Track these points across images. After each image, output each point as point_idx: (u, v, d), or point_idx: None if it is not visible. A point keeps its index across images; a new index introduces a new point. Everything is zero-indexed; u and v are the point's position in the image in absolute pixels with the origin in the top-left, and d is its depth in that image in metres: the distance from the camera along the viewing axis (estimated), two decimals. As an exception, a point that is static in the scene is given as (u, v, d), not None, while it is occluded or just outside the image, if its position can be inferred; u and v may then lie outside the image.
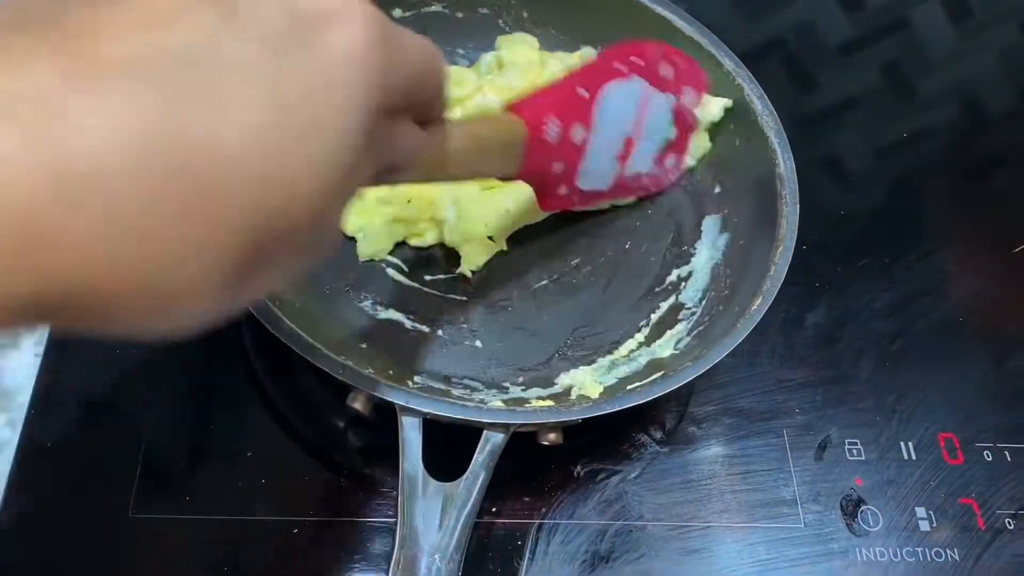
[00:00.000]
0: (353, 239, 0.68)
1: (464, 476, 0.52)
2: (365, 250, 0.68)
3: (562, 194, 0.65)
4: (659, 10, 0.74)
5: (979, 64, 0.96)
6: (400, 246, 0.69)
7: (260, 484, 0.59)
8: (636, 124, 0.66)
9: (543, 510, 0.61)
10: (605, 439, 0.64)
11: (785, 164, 0.67)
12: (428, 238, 0.69)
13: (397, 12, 0.75)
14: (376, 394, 0.54)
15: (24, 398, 0.61)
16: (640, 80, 0.66)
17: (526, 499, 0.61)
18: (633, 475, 0.63)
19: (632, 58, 0.65)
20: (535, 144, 0.57)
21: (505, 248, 0.69)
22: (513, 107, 0.57)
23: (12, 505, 0.57)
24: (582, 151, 0.63)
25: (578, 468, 0.63)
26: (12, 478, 0.58)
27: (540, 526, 0.60)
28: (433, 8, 0.77)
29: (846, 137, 0.87)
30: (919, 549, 0.62)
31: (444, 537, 0.50)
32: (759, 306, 0.60)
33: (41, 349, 0.63)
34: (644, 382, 0.59)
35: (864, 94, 0.91)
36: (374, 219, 0.67)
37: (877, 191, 0.83)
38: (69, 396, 0.62)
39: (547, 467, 0.62)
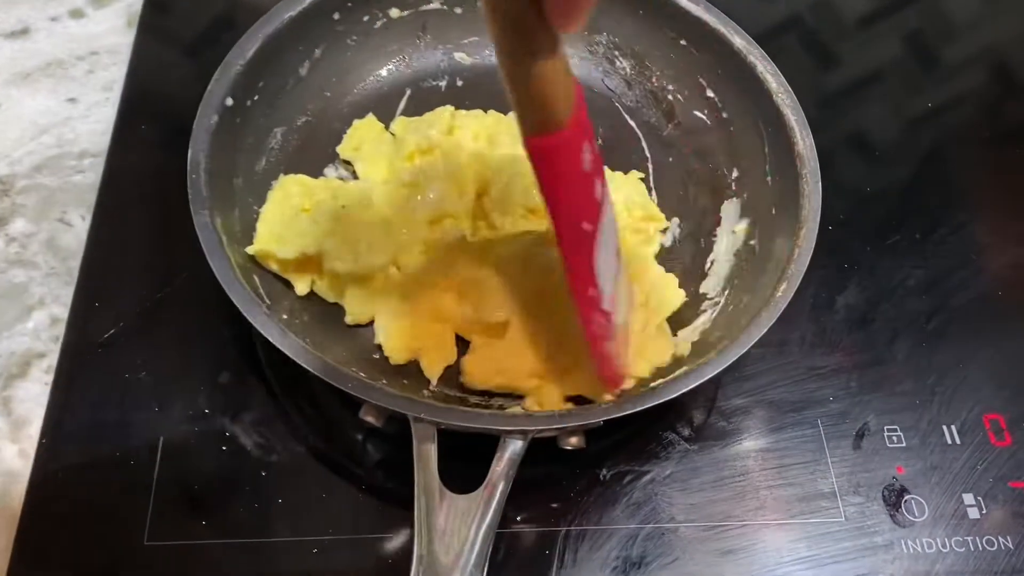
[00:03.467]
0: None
1: (482, 487, 0.50)
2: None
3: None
4: (665, -9, 0.71)
5: (1006, 28, 0.92)
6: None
7: (277, 504, 0.58)
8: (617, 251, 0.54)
9: (570, 516, 0.58)
10: (630, 439, 0.62)
11: (804, 141, 0.64)
12: None
13: (395, 12, 0.73)
14: (386, 406, 0.52)
15: (35, 428, 0.60)
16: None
17: (552, 506, 0.59)
18: (662, 475, 0.61)
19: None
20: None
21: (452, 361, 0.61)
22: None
23: (26, 535, 0.56)
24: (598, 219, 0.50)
25: (604, 471, 0.60)
26: (25, 508, 0.57)
27: (568, 533, 0.58)
28: (432, 6, 0.75)
29: (870, 112, 0.83)
30: (968, 538, 0.59)
31: (464, 552, 0.48)
32: (784, 292, 0.57)
33: (50, 378, 0.62)
34: (667, 378, 0.57)
35: (887, 67, 0.87)
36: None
37: (904, 165, 0.80)
38: (80, 425, 0.60)
39: (571, 472, 0.60)
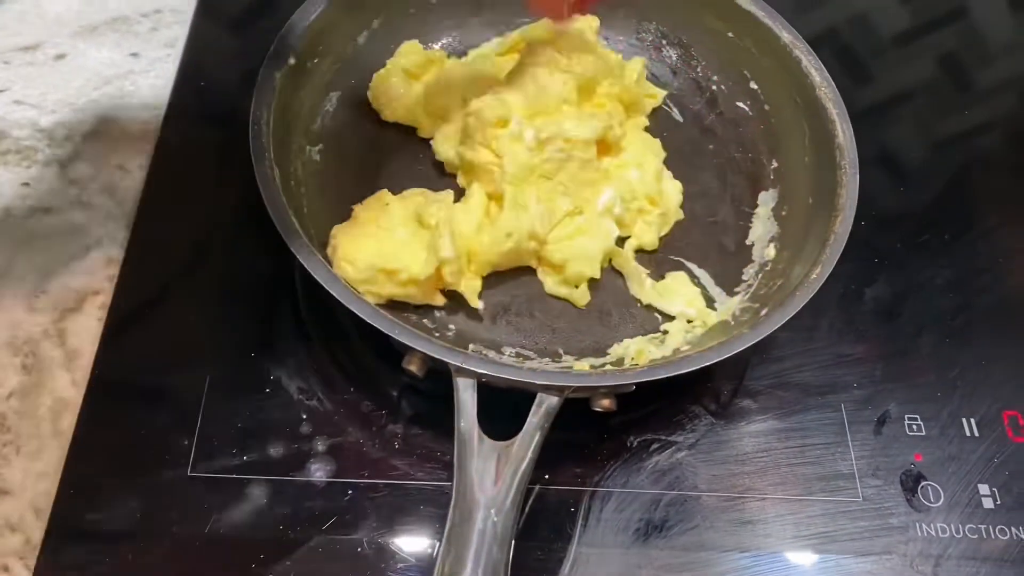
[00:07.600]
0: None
1: (519, 435, 0.52)
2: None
3: None
4: (716, -18, 0.74)
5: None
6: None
7: (316, 447, 0.60)
8: None
9: (596, 478, 0.60)
10: (659, 411, 0.64)
11: (844, 134, 0.66)
12: None
13: None
14: (432, 355, 0.54)
15: (87, 360, 0.62)
16: None
17: (579, 468, 0.61)
18: (687, 446, 0.62)
19: None
20: None
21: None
22: None
23: (76, 459, 0.58)
24: None
25: (631, 438, 0.62)
26: (76, 434, 0.59)
27: (593, 494, 0.60)
28: None
29: (903, 128, 0.85)
30: (982, 526, 0.61)
31: (500, 493, 0.50)
32: (819, 275, 0.59)
33: (103, 315, 0.64)
34: (701, 348, 0.59)
35: (921, 86, 0.89)
36: None
37: (936, 177, 0.81)
38: (130, 359, 0.63)
39: (600, 437, 0.62)
